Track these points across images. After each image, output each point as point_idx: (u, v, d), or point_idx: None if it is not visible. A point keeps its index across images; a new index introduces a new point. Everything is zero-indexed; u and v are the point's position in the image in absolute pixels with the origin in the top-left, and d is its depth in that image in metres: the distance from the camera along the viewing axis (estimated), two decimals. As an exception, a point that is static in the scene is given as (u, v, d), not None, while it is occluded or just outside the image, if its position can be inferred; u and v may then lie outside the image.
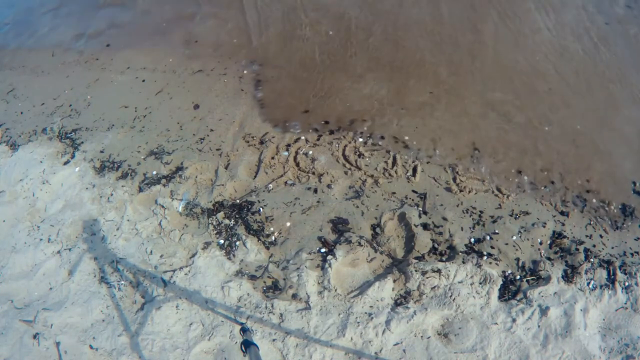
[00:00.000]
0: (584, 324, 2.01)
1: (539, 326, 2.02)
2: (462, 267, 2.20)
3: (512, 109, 3.06)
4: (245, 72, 3.60)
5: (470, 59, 3.43)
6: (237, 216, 2.56)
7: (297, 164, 2.81)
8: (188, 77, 3.65)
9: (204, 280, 2.27)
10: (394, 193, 2.60)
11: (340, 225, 2.46)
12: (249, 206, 2.60)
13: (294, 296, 2.17)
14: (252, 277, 2.29)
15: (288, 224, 2.50)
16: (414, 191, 2.61)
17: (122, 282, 2.35)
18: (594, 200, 2.52)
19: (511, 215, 2.46)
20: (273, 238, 2.45)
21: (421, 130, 2.98)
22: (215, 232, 2.50)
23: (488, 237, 2.35)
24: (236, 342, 2.05)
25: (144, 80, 3.71)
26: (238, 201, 2.64)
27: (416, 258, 2.26)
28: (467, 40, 3.59)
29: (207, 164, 2.88)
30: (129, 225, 2.60)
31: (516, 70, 3.33)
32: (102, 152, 3.13)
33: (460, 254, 2.27)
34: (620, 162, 2.73)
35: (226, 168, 2.84)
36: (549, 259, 2.27)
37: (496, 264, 2.25)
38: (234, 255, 2.39)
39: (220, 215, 2.56)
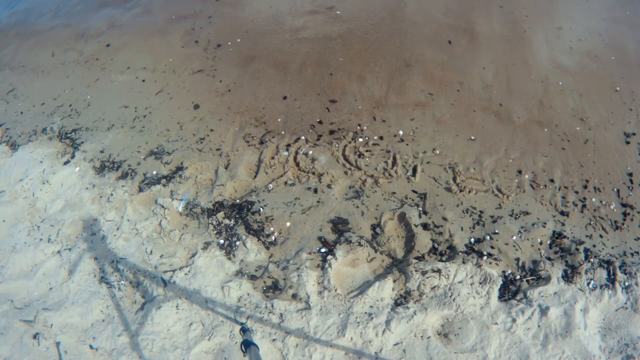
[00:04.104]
0: (584, 324, 2.01)
1: (539, 326, 2.01)
2: (462, 267, 2.20)
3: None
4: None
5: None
6: (237, 216, 2.56)
7: (297, 164, 2.81)
8: (188, 77, 3.65)
9: (204, 280, 2.27)
10: (394, 193, 2.60)
11: (340, 225, 2.46)
12: (249, 206, 2.60)
13: (294, 296, 2.17)
14: (252, 277, 2.29)
15: (288, 224, 2.50)
16: (414, 191, 2.61)
17: (122, 282, 2.35)
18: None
19: (511, 215, 2.46)
20: (273, 238, 2.45)
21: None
22: (215, 232, 2.49)
23: (488, 237, 2.35)
24: (236, 342, 2.05)
25: (144, 80, 3.72)
26: (238, 201, 2.64)
27: (416, 258, 2.26)
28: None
29: (207, 164, 2.88)
30: (129, 225, 2.60)
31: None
32: (102, 152, 3.13)
33: (460, 254, 2.27)
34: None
35: (226, 168, 2.84)
36: (549, 259, 2.27)
37: (496, 264, 2.25)
38: (234, 255, 2.39)
39: (220, 215, 2.56)
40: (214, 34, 4.04)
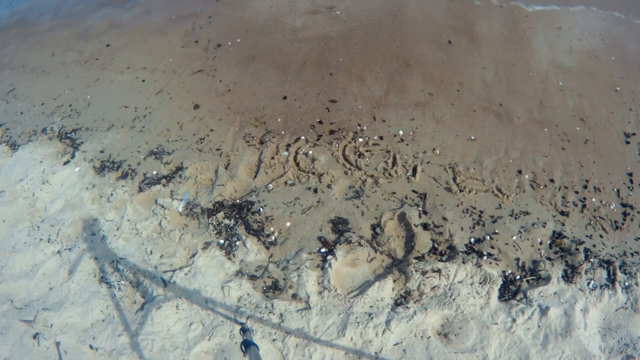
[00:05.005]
0: (584, 324, 2.01)
1: (539, 326, 2.01)
2: (462, 267, 2.20)
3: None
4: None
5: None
6: (237, 216, 2.56)
7: (297, 164, 2.81)
8: (188, 77, 3.65)
9: (204, 280, 2.27)
10: (394, 193, 2.60)
11: (340, 225, 2.46)
12: (249, 206, 2.60)
13: (294, 296, 2.17)
14: (252, 277, 2.29)
15: (288, 224, 2.50)
16: (414, 191, 2.61)
17: (122, 282, 2.35)
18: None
19: (511, 215, 2.46)
20: (273, 238, 2.45)
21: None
22: (215, 232, 2.49)
23: (488, 237, 2.35)
24: (236, 342, 2.05)
25: (144, 80, 3.72)
26: (238, 201, 2.64)
27: (416, 258, 2.26)
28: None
29: (207, 164, 2.88)
30: (129, 225, 2.60)
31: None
32: (102, 152, 3.13)
33: (460, 254, 2.27)
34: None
35: (226, 168, 2.84)
36: (549, 259, 2.27)
37: (496, 264, 2.25)
38: (234, 255, 2.39)
39: (220, 215, 2.56)
40: (214, 34, 4.04)
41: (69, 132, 3.37)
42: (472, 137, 2.89)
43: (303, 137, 2.97)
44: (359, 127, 3.01)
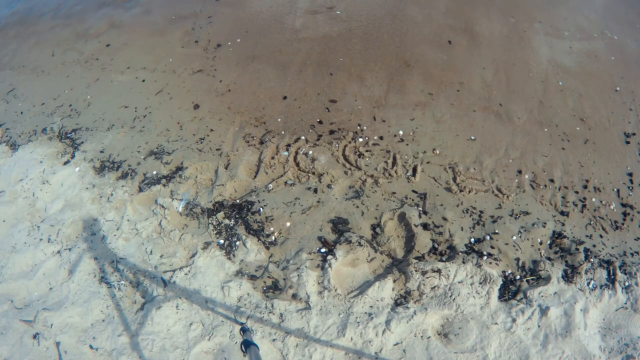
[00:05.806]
0: (584, 324, 2.01)
1: (539, 326, 2.02)
2: (462, 267, 2.20)
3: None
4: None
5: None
6: (237, 216, 2.56)
7: (297, 164, 2.81)
8: (188, 77, 3.65)
9: (204, 280, 2.27)
10: (394, 193, 2.60)
11: (340, 225, 2.46)
12: (249, 206, 2.60)
13: (294, 296, 2.17)
14: (252, 277, 2.29)
15: (288, 224, 2.50)
16: (414, 191, 2.61)
17: (122, 282, 2.35)
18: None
19: (511, 215, 2.46)
20: (273, 238, 2.45)
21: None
22: (215, 232, 2.49)
23: (488, 237, 2.35)
24: (236, 342, 2.05)
25: (144, 80, 3.71)
26: (238, 201, 2.64)
27: (416, 258, 2.26)
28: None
29: (207, 164, 2.88)
30: (129, 225, 2.60)
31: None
32: (102, 152, 3.13)
33: (460, 254, 2.27)
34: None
35: (226, 168, 2.84)
36: (549, 259, 2.27)
37: (496, 264, 2.25)
38: (234, 255, 2.39)
39: (220, 215, 2.56)
40: (214, 34, 4.04)
41: (69, 132, 3.37)
42: (472, 137, 2.89)
43: (303, 137, 2.97)
44: (359, 127, 3.01)
